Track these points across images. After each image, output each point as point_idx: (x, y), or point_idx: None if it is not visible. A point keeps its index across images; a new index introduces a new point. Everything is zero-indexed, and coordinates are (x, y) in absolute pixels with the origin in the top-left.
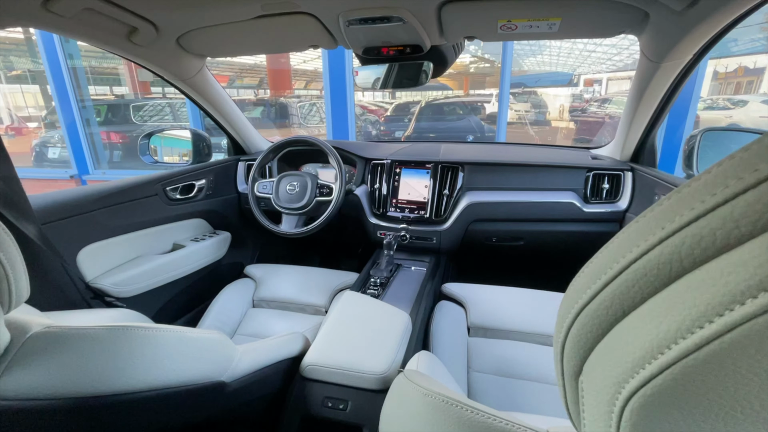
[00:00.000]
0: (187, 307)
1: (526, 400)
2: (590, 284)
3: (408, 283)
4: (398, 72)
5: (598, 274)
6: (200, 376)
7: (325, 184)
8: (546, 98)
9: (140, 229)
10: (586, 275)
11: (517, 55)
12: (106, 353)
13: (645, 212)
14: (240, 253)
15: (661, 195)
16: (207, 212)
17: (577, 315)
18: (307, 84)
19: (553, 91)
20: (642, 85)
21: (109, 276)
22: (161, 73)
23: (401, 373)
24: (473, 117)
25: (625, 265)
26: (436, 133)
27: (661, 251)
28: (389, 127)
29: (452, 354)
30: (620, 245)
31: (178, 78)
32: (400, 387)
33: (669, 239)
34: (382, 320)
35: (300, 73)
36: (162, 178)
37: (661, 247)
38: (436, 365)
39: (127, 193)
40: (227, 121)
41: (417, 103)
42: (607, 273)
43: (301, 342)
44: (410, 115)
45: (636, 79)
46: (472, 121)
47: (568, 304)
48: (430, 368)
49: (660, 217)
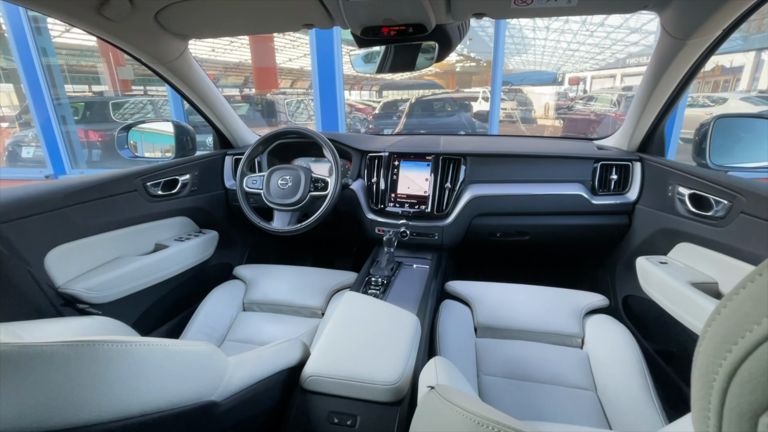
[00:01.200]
0: (172, 313)
1: (544, 406)
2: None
3: (411, 282)
4: (398, 55)
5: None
6: (187, 397)
7: (320, 177)
8: (532, 96)
9: (118, 228)
10: None
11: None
12: (70, 376)
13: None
14: (228, 254)
15: (675, 185)
16: (192, 210)
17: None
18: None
19: (539, 89)
20: (661, 65)
21: (83, 280)
22: (139, 55)
23: (432, 390)
24: (463, 113)
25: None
26: (427, 129)
27: None
28: (378, 124)
29: (460, 356)
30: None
31: (157, 61)
32: (433, 406)
33: None
34: (388, 323)
35: (286, 72)
36: (142, 172)
37: None
38: (454, 373)
39: (102, 188)
40: (213, 112)
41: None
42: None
43: (299, 349)
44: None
45: (654, 59)
46: (463, 118)
47: (740, 323)
48: (450, 377)
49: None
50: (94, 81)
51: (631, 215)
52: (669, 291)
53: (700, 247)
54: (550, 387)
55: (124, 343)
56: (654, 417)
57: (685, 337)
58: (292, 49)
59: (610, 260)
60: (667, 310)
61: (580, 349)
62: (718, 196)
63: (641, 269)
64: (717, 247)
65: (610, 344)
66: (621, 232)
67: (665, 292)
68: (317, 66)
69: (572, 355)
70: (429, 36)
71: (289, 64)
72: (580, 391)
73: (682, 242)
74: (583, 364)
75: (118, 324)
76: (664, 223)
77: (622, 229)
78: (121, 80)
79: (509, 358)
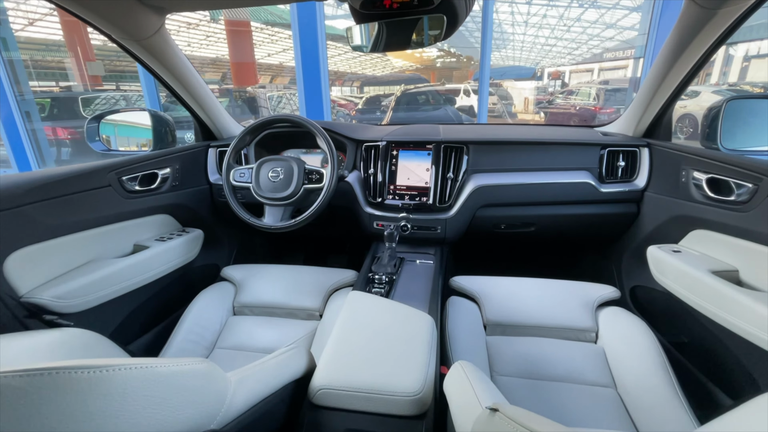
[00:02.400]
0: (154, 320)
1: (564, 406)
2: None
3: (417, 278)
4: (401, 30)
5: None
6: (180, 430)
7: (314, 169)
8: (512, 91)
9: (90, 228)
10: None
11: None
12: (25, 415)
13: None
14: (214, 254)
15: (690, 170)
16: (174, 206)
17: None
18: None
19: (520, 84)
20: (683, 40)
21: (50, 287)
22: (109, 30)
23: (497, 413)
24: (449, 107)
25: None
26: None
27: None
28: (362, 119)
29: (472, 356)
30: None
31: (131, 37)
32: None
33: None
34: (401, 325)
35: (265, 68)
36: (116, 165)
37: None
38: (485, 379)
39: (71, 183)
40: (194, 99)
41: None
42: None
43: (305, 358)
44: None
45: (677, 31)
46: (449, 111)
47: None
48: (483, 385)
49: None
50: (62, 77)
51: (639, 203)
52: (687, 281)
53: (718, 234)
54: (568, 385)
55: (97, 369)
56: (683, 417)
57: (700, 328)
58: (270, 44)
59: (615, 250)
60: (686, 301)
61: (594, 344)
62: (741, 179)
63: (654, 258)
64: (738, 232)
65: (627, 338)
66: (629, 221)
67: (683, 282)
68: (301, 60)
69: (587, 351)
70: (435, 9)
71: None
72: (600, 389)
73: (697, 229)
74: (600, 359)
75: (93, 336)
76: (678, 210)
77: (630, 217)
78: (91, 76)
79: (522, 357)
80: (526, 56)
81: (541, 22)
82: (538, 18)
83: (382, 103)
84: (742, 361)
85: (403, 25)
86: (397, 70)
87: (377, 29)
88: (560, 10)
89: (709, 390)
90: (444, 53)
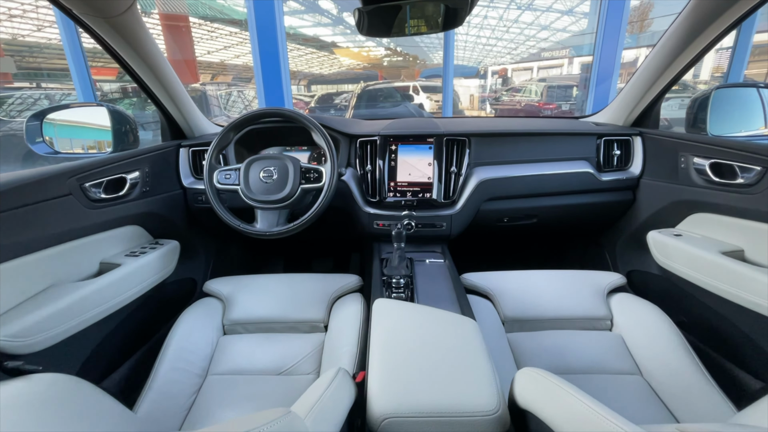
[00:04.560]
0: (129, 350)
1: (597, 397)
2: None
3: (434, 279)
4: (420, 12)
5: None
6: None
7: (311, 167)
8: (458, 89)
9: (47, 247)
10: None
11: (427, 49)
12: None
13: None
14: (190, 266)
15: (689, 156)
16: (145, 216)
17: None
18: (214, 77)
19: (466, 82)
20: (697, 25)
21: (2, 324)
22: (70, 5)
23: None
24: (409, 102)
25: None
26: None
27: None
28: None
29: (498, 355)
30: None
31: (98, 13)
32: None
33: None
34: (446, 332)
35: (205, 66)
36: (77, 169)
37: None
38: (553, 380)
39: (22, 192)
40: (165, 91)
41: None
42: None
43: (349, 382)
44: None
45: (687, 20)
46: (410, 107)
47: None
48: (562, 391)
49: None
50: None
51: (635, 190)
52: (698, 262)
53: (719, 216)
54: (596, 376)
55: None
56: (719, 402)
57: (703, 309)
58: (210, 41)
59: (608, 237)
60: (695, 282)
61: (609, 332)
62: (746, 162)
63: (657, 243)
64: (745, 213)
65: (642, 323)
66: (624, 208)
67: (693, 264)
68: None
69: (606, 339)
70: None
71: (208, 57)
72: (626, 377)
73: (697, 213)
74: (620, 346)
75: (70, 381)
76: (678, 195)
77: (626, 204)
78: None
79: (545, 351)
80: (469, 55)
81: (482, 22)
82: (479, 19)
83: (334, 100)
84: (753, 336)
85: (422, 7)
86: (344, 68)
87: (399, 12)
88: (500, 12)
89: (727, 368)
90: (391, 52)
